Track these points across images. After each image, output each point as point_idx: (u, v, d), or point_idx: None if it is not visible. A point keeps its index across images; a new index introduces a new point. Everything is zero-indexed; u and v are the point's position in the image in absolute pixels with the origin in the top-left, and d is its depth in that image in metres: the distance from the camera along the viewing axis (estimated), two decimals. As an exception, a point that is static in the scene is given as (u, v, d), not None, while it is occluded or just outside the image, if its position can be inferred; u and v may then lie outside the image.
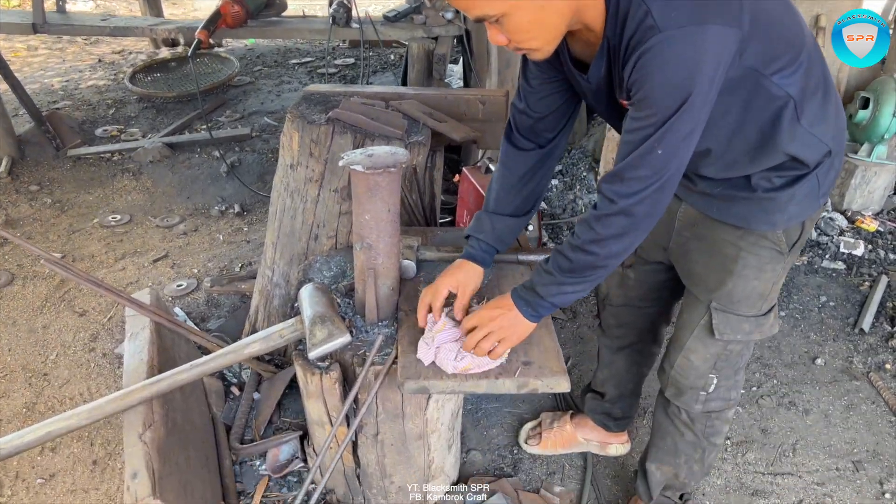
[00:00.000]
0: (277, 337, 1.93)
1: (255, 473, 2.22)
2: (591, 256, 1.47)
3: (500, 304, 1.66)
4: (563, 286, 1.55)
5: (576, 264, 1.50)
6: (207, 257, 3.71)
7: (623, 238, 1.43)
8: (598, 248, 1.46)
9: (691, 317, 1.81)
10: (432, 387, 1.71)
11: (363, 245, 1.88)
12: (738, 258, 1.65)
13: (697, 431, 1.93)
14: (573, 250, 1.49)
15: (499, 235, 1.84)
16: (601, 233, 1.44)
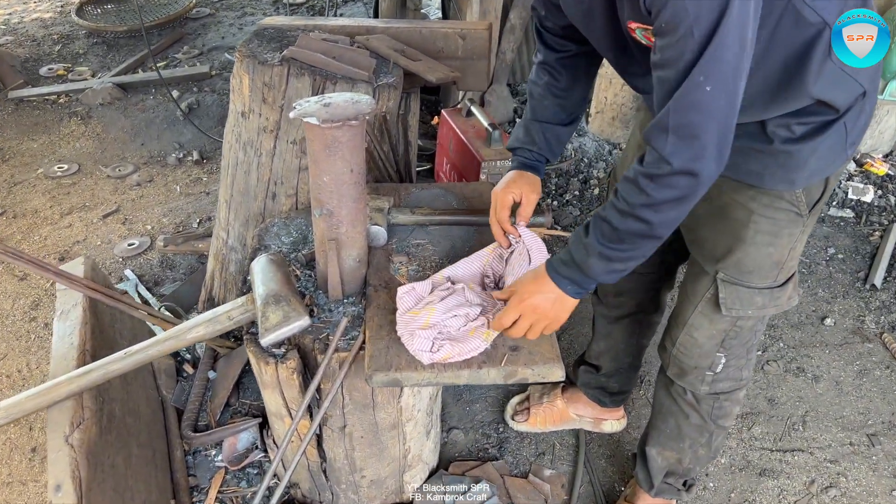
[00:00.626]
0: (225, 319, 1.69)
1: (211, 465, 2.01)
2: (642, 224, 1.24)
3: (539, 288, 1.42)
4: (612, 262, 1.32)
5: (624, 233, 1.27)
6: (163, 211, 3.43)
7: (682, 203, 1.21)
8: (651, 215, 1.22)
9: (695, 289, 1.61)
10: (405, 379, 1.49)
11: (322, 212, 1.62)
12: (750, 222, 1.44)
13: (704, 413, 1.75)
14: (621, 216, 1.25)
15: (550, 145, 1.71)
16: (655, 196, 1.19)
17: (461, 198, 2.09)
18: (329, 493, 1.89)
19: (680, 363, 1.70)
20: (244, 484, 1.96)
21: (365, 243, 1.73)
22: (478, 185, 2.17)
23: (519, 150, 1.71)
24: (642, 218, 1.22)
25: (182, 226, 3.31)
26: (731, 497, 2.12)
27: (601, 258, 1.31)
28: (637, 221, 1.24)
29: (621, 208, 1.25)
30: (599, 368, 2.19)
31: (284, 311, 1.58)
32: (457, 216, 1.92)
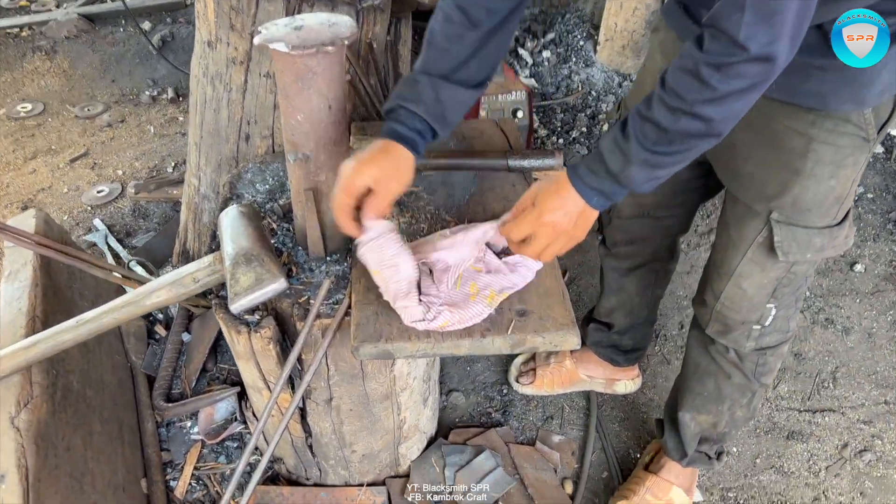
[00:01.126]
0: (190, 282, 1.49)
1: (186, 439, 1.84)
2: (699, 123, 1.05)
3: (563, 203, 1.21)
4: (657, 169, 1.13)
5: (676, 134, 1.07)
6: (135, 154, 3.19)
7: (751, 93, 1.02)
8: (713, 110, 1.03)
9: (742, 233, 1.44)
10: (397, 350, 1.32)
11: (297, 157, 1.40)
12: (809, 152, 1.26)
13: (748, 371, 1.60)
14: (672, 115, 1.06)
15: (443, 111, 1.31)
16: (721, 89, 1.00)
17: (459, 138, 1.86)
18: (316, 469, 1.73)
19: (725, 319, 1.54)
20: (223, 459, 1.80)
21: (349, 192, 1.52)
22: (478, 122, 1.94)
23: (395, 111, 1.31)
24: (702, 115, 1.04)
25: (156, 170, 3.08)
26: (757, 463, 1.98)
27: (644, 165, 1.12)
28: (694, 119, 1.05)
29: (674, 105, 1.05)
30: (611, 326, 2.01)
31: (257, 272, 1.39)
32: (455, 159, 1.70)
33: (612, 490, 1.89)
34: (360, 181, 1.25)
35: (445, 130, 1.35)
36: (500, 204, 1.64)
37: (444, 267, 1.41)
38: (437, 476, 1.81)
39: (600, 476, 1.93)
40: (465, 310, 1.30)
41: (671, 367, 2.24)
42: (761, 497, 1.89)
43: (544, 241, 1.24)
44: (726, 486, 1.92)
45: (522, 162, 1.68)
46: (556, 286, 1.44)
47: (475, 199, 1.65)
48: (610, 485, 1.91)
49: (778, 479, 1.93)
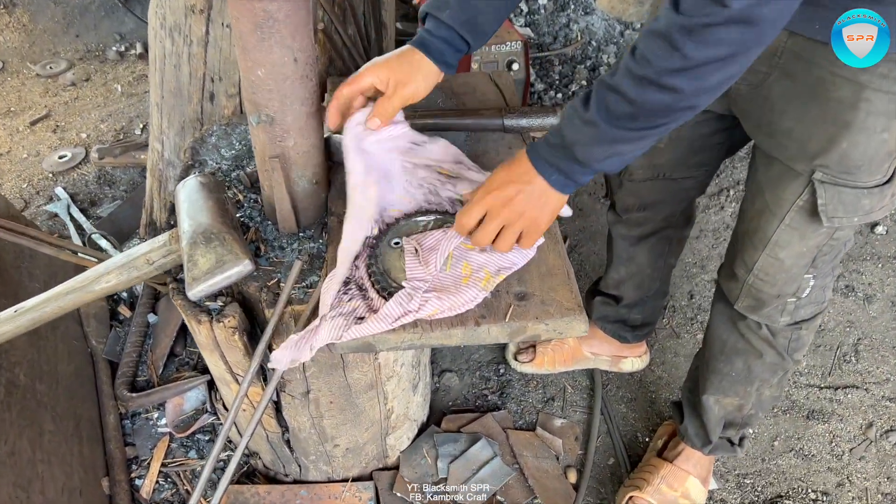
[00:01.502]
0: (144, 264, 1.32)
1: (153, 432, 1.69)
2: (669, 94, 0.93)
3: (513, 176, 1.12)
4: (617, 144, 1.01)
5: (642, 107, 0.96)
6: (101, 116, 2.99)
7: (729, 64, 0.91)
8: (683, 81, 0.92)
9: (779, 196, 1.29)
10: (380, 342, 1.17)
11: (261, 119, 1.22)
12: (861, 101, 1.10)
13: (780, 348, 1.48)
14: (638, 85, 0.95)
15: (471, 19, 1.24)
16: (694, 56, 0.89)
17: (449, 93, 1.67)
18: (296, 465, 1.59)
19: (758, 293, 1.41)
20: (193, 454, 1.65)
21: (322, 159, 1.35)
22: (469, 76, 1.75)
23: (425, 19, 1.28)
24: (670, 86, 0.92)
25: (123, 133, 2.88)
26: (775, 445, 1.84)
27: (604, 141, 1.01)
28: (661, 91, 0.93)
29: (641, 74, 0.94)
30: (620, 299, 1.86)
31: (217, 253, 1.22)
32: (445, 119, 1.52)
33: (620, 478, 1.76)
34: (367, 78, 1.24)
35: (478, 40, 1.27)
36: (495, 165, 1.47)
37: (432, 244, 1.24)
38: (428, 468, 1.67)
39: (606, 463, 1.80)
40: (456, 295, 1.14)
41: (680, 342, 2.09)
42: (780, 483, 1.76)
43: (496, 221, 1.11)
44: (742, 472, 1.79)
45: (520, 121, 1.50)
46: (561, 264, 1.28)
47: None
48: (617, 472, 1.78)
49: (798, 463, 1.80)
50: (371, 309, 1.19)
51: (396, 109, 1.27)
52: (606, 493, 1.74)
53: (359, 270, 1.26)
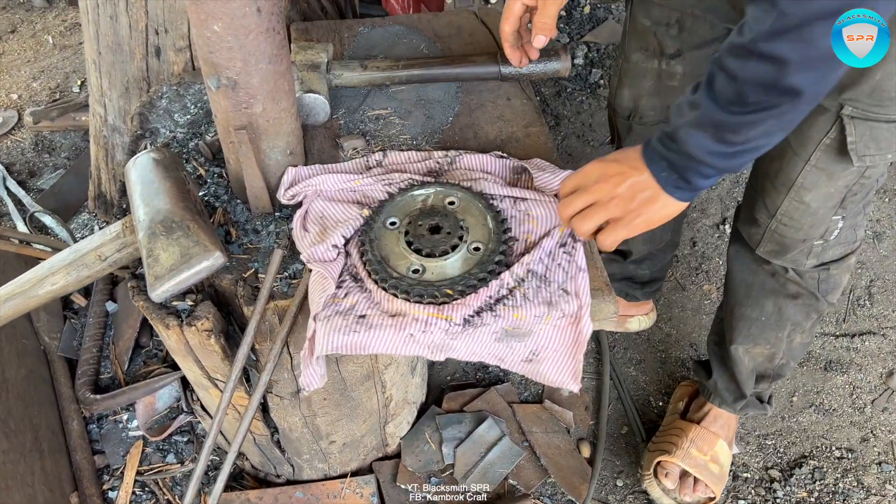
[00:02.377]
0: (95, 260, 1.15)
1: (123, 436, 1.53)
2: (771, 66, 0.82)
3: (622, 156, 1.02)
4: (722, 130, 0.90)
5: (744, 84, 0.85)
6: (32, 73, 2.71)
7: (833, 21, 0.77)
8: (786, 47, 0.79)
9: (804, 135, 1.20)
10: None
11: (221, 82, 1.03)
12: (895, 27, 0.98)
13: (811, 288, 1.39)
14: (739, 56, 0.85)
15: None
16: (792, 12, 0.77)
17: (432, 37, 1.49)
18: (288, 465, 1.45)
19: (782, 239, 1.32)
20: (172, 458, 1.50)
21: (297, 125, 1.17)
22: (453, 15, 1.56)
23: None
24: (770, 54, 0.80)
25: (59, 91, 2.61)
26: (794, 401, 1.76)
27: (707, 123, 0.90)
28: (762, 62, 0.81)
29: (740, 43, 0.84)
30: (627, 254, 1.73)
31: (181, 245, 1.06)
32: (431, 68, 1.34)
33: (635, 447, 1.66)
34: (515, 3, 1.20)
35: None
36: (496, 126, 1.30)
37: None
38: (433, 454, 1.55)
39: (619, 432, 1.70)
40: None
41: (686, 294, 1.98)
42: (803, 442, 1.69)
43: (589, 196, 0.99)
44: (763, 433, 1.71)
45: (519, 68, 1.32)
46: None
47: (462, 122, 1.31)
48: (631, 442, 1.68)
49: (819, 419, 1.73)
50: (373, 303, 1.04)
51: (555, 18, 1.19)
52: (623, 464, 1.64)
53: (351, 258, 1.10)
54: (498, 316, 1.01)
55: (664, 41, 1.38)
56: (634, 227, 0.99)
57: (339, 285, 1.05)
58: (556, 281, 1.04)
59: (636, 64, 1.45)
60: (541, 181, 1.16)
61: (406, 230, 1.08)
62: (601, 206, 0.99)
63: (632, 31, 1.44)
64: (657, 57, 1.41)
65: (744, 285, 1.46)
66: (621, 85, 1.50)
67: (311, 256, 1.05)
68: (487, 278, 1.02)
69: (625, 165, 0.99)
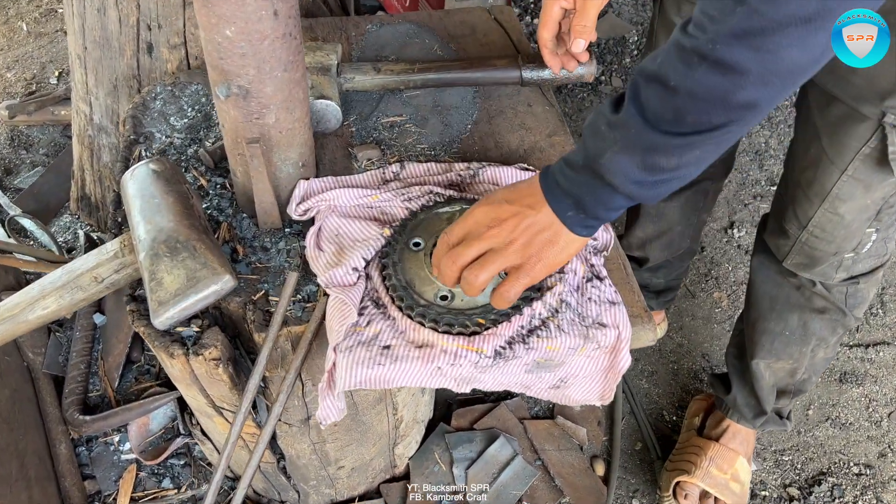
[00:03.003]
0: (91, 282, 1.07)
1: (115, 459, 1.45)
2: (727, 76, 0.68)
3: (512, 195, 0.88)
4: (653, 153, 0.76)
5: (688, 97, 0.71)
6: (6, 62, 2.59)
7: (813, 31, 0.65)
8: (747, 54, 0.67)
9: (842, 143, 1.14)
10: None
11: (231, 91, 0.95)
12: None
13: (839, 303, 1.35)
14: (685, 64, 0.70)
15: None
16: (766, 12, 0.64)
17: (445, 38, 1.41)
18: (293, 491, 1.38)
19: (812, 251, 1.27)
20: (168, 482, 1.42)
21: (310, 135, 1.09)
22: (466, 14, 1.48)
23: None
24: (728, 62, 0.67)
25: (36, 82, 2.50)
26: (809, 415, 1.73)
27: (635, 146, 0.76)
28: (716, 70, 0.68)
29: (690, 46, 0.70)
30: (643, 261, 1.68)
31: (187, 267, 0.98)
32: (449, 72, 1.26)
33: (650, 464, 1.62)
34: (553, 7, 1.13)
35: None
36: (517, 135, 1.23)
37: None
38: (443, 475, 1.49)
39: (633, 449, 1.65)
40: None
41: (696, 302, 1.94)
42: (820, 458, 1.66)
43: (482, 244, 0.86)
44: (779, 448, 1.67)
45: (541, 73, 1.26)
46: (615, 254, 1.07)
47: (481, 130, 1.24)
48: (646, 458, 1.64)
49: (836, 434, 1.70)
50: (398, 332, 0.97)
51: (594, 20, 1.11)
52: (638, 482, 1.60)
53: (372, 281, 1.02)
54: (531, 348, 0.95)
55: None
56: (537, 275, 0.87)
57: (361, 312, 0.98)
58: (591, 316, 0.98)
59: None
60: None
61: (432, 252, 1.01)
62: (497, 253, 0.86)
63: (661, 28, 1.38)
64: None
65: (767, 298, 1.42)
66: None
67: (330, 281, 0.98)
68: (521, 306, 0.96)
69: (519, 205, 0.86)
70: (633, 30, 2.73)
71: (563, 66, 1.19)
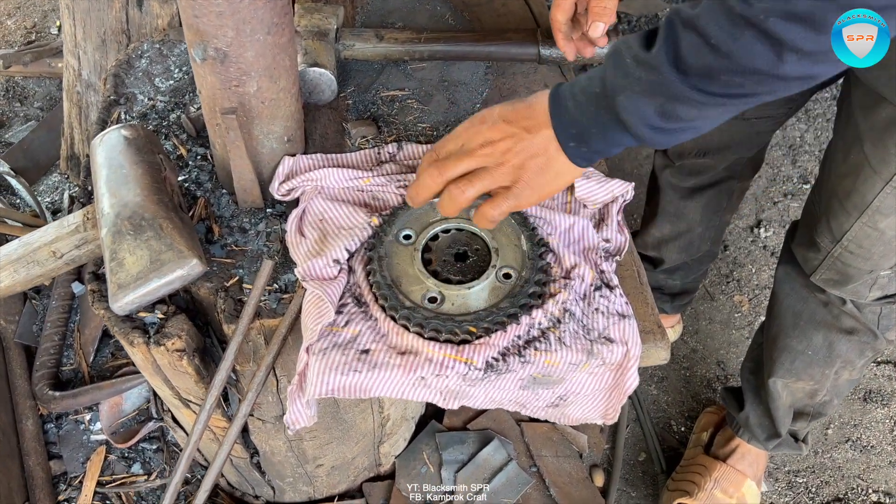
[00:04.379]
0: (48, 257, 0.99)
1: (85, 439, 1.38)
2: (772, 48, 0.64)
3: (510, 114, 0.83)
4: (677, 103, 0.71)
5: (727, 59, 0.67)
6: (7, 10, 2.52)
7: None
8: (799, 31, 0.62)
9: (886, 149, 1.05)
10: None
11: (207, 54, 0.86)
12: None
13: (870, 324, 1.25)
14: (732, 25, 0.65)
15: None
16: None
17: (458, 5, 1.30)
18: (268, 487, 1.31)
19: (844, 267, 1.17)
20: (138, 467, 1.34)
21: (298, 107, 0.99)
22: (484, -19, 1.36)
23: None
24: (777, 35, 0.63)
25: (36, 32, 2.41)
26: (828, 435, 1.63)
27: (660, 93, 0.71)
28: (763, 40, 0.64)
29: (740, 11, 0.64)
30: (658, 262, 1.58)
31: (151, 248, 0.90)
32: (458, 44, 1.16)
33: (653, 477, 1.53)
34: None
35: None
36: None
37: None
38: (431, 477, 1.41)
39: (636, 459, 1.57)
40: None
41: (715, 305, 1.83)
42: (837, 482, 1.56)
43: (471, 161, 0.82)
44: (794, 469, 1.58)
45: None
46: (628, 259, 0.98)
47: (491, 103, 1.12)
48: (649, 471, 1.55)
49: (856, 456, 1.60)
50: (379, 335, 0.87)
51: (615, 1, 1.01)
52: (639, 497, 1.52)
53: (355, 275, 0.93)
54: (527, 362, 0.85)
55: None
56: (524, 200, 0.82)
57: (340, 310, 0.89)
58: (597, 329, 0.88)
59: None
60: (584, 192, 0.99)
61: (423, 247, 0.91)
62: (486, 172, 0.81)
63: None
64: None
65: (791, 313, 1.31)
66: None
67: (308, 272, 0.89)
68: (518, 314, 0.86)
69: (517, 126, 0.81)
70: (667, 7, 2.59)
71: (579, 52, 1.07)
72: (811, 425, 1.43)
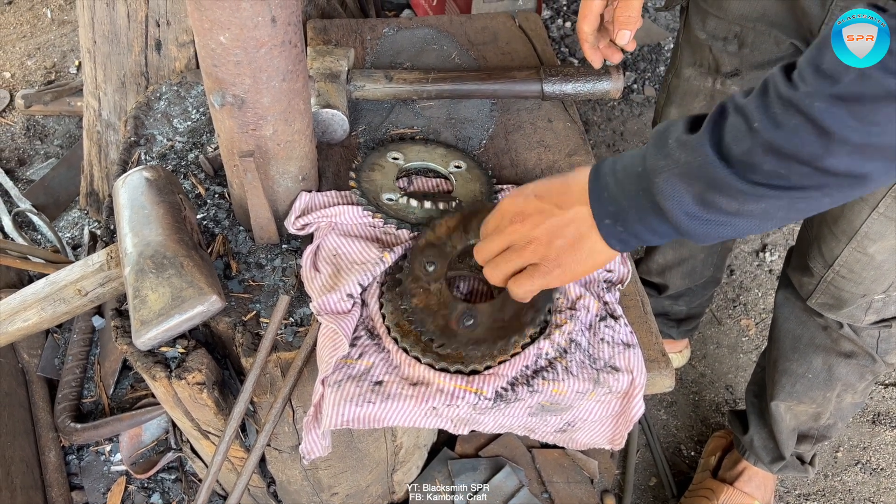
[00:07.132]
0: (74, 295, 1.02)
1: (105, 470, 1.41)
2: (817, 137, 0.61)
3: (545, 190, 0.80)
4: (715, 192, 0.67)
5: (768, 145, 0.63)
6: (27, 49, 2.57)
7: None
8: (847, 120, 0.60)
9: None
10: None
11: (225, 100, 0.89)
12: None
13: (868, 347, 1.26)
14: (780, 108, 0.63)
15: None
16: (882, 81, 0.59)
17: (465, 44, 1.34)
18: (284, 515, 1.33)
19: (838, 291, 1.19)
20: (157, 498, 1.37)
21: (311, 147, 1.03)
22: (489, 19, 1.41)
23: None
24: (824, 123, 0.60)
25: (55, 71, 2.47)
26: (838, 458, 1.63)
27: (699, 176, 0.67)
28: (807, 127, 0.61)
29: (787, 95, 0.62)
30: (663, 288, 1.60)
31: (173, 286, 0.93)
32: (464, 83, 1.19)
33: (664, 502, 1.54)
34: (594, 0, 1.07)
35: None
36: (535, 153, 1.16)
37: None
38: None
39: (647, 484, 1.58)
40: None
41: (723, 329, 1.85)
42: (847, 505, 1.56)
43: (503, 240, 0.81)
44: (803, 493, 1.58)
45: (563, 86, 1.19)
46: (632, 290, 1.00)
47: (497, 146, 1.17)
48: (660, 495, 1.56)
49: (866, 479, 1.60)
50: (392, 366, 0.90)
51: (640, 10, 1.05)
52: (650, 522, 1.52)
53: (368, 308, 0.96)
54: (535, 391, 0.88)
55: (721, 57, 1.24)
56: (553, 279, 0.80)
57: (353, 342, 0.92)
58: (603, 358, 0.90)
59: (688, 80, 1.30)
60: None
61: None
62: (514, 251, 0.80)
63: (685, 43, 1.30)
64: (712, 74, 1.27)
65: (790, 337, 1.33)
66: (669, 103, 1.36)
67: (322, 307, 0.92)
68: (526, 345, 0.89)
69: (548, 202, 0.78)
70: (669, 37, 2.64)
71: (607, 58, 1.12)
72: (816, 448, 1.43)
